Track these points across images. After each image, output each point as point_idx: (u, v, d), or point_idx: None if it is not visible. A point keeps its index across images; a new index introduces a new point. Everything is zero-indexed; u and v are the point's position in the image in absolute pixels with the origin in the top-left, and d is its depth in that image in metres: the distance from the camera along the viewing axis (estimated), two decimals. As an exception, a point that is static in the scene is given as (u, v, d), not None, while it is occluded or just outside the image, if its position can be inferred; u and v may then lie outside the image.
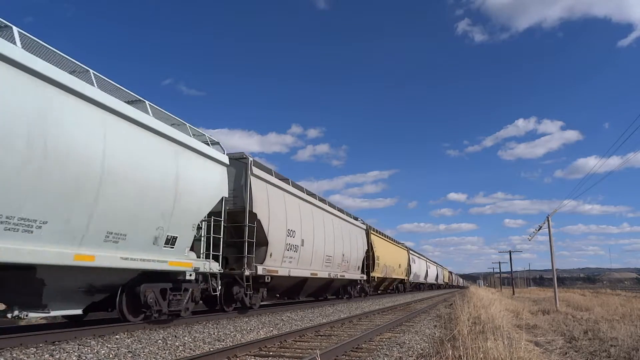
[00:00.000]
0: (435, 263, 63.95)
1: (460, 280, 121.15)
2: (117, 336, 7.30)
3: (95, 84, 7.00)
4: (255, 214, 11.45)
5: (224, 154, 10.59)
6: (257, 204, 11.57)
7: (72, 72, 6.67)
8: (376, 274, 25.62)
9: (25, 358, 5.44)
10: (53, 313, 6.93)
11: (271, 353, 6.58)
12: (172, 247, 8.62)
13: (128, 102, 7.77)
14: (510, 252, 60.23)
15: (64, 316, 8.82)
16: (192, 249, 9.59)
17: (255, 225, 11.39)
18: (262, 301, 12.91)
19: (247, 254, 11.05)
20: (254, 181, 11.70)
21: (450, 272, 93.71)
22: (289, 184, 14.38)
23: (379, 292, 31.28)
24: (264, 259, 11.98)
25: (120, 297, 8.01)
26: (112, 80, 7.53)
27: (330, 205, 18.82)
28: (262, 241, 11.83)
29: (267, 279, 12.12)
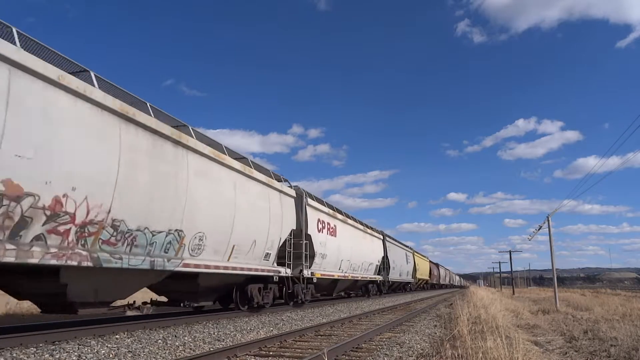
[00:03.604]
0: (396, 242, 32.46)
1: (457, 278, 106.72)
2: (117, 336, 7.30)
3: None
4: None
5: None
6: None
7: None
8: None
9: (25, 358, 5.43)
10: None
11: (271, 353, 6.57)
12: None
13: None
14: (510, 252, 60.13)
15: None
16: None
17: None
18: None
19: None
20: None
21: (437, 265, 63.75)
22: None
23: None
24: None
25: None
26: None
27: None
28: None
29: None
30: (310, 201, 15.75)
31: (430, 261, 55.41)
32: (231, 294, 11.62)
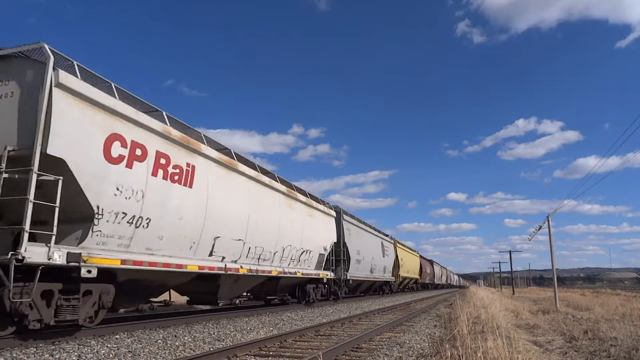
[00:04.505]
0: (365, 225, 23.55)
1: (455, 277, 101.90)
2: (117, 336, 7.31)
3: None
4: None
5: None
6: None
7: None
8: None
9: (25, 358, 5.44)
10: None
11: (271, 353, 6.58)
12: None
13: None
14: (510, 252, 60.02)
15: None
16: None
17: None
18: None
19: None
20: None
21: (431, 262, 54.10)
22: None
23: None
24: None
25: None
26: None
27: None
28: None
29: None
30: (66, 77, 6.02)
31: (421, 256, 46.19)
32: None
